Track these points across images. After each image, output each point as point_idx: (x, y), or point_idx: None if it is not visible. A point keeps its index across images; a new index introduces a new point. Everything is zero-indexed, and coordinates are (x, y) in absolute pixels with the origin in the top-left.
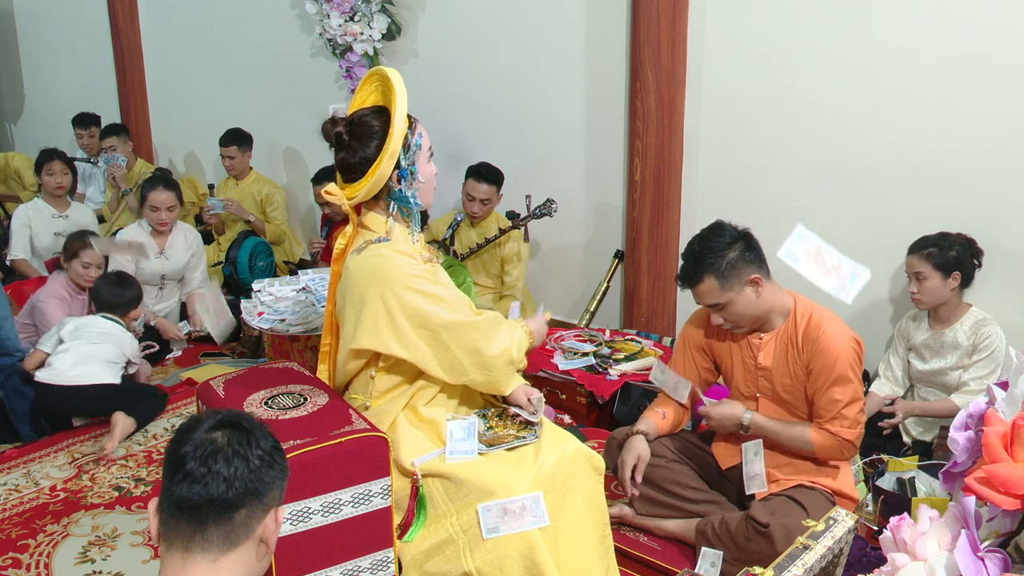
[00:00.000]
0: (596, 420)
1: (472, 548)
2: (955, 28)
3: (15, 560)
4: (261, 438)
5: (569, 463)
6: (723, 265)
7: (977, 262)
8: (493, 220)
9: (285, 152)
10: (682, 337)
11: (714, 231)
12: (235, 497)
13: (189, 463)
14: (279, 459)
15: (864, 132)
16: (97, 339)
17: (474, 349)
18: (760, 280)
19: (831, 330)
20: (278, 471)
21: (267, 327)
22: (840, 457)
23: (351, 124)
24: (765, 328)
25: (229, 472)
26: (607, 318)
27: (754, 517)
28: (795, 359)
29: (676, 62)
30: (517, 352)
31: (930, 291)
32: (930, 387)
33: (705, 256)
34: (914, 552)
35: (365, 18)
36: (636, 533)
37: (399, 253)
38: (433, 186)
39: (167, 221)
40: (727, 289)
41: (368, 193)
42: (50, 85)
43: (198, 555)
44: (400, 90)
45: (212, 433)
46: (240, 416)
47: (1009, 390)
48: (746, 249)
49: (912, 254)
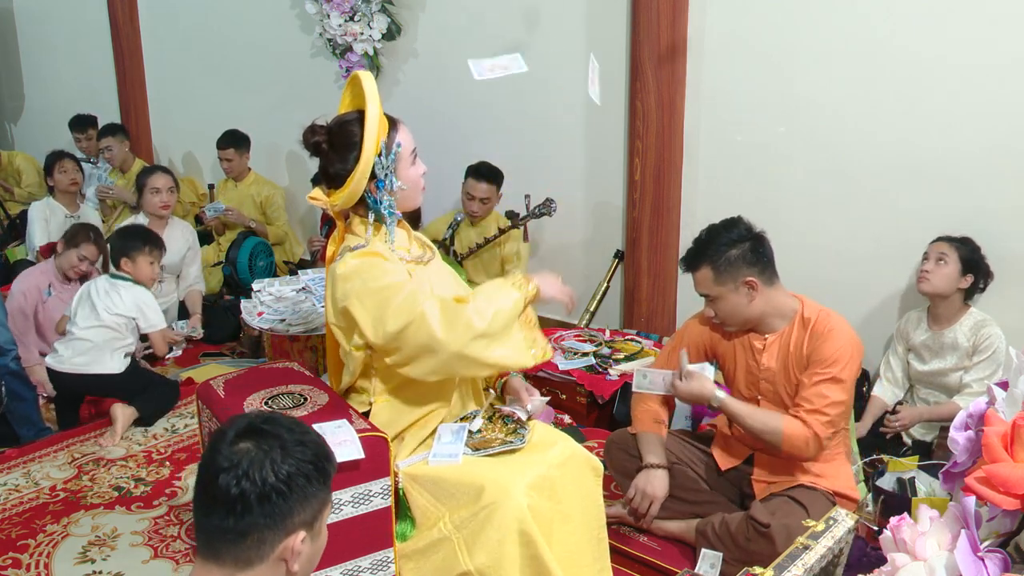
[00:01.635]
0: (596, 420)
1: (470, 547)
2: (955, 28)
3: (15, 560)
4: (280, 461)
5: (567, 465)
6: (722, 260)
7: (985, 285)
8: (493, 220)
9: (285, 152)
10: (681, 333)
11: (728, 225)
12: (244, 527)
13: (201, 485)
14: (299, 484)
15: (864, 132)
16: (93, 320)
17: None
18: (756, 284)
19: (839, 331)
20: (296, 499)
21: (267, 327)
22: (803, 454)
23: (329, 133)
24: (766, 330)
25: (236, 502)
26: (607, 318)
27: (755, 517)
28: (798, 359)
29: (676, 62)
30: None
31: (943, 276)
32: (930, 388)
33: (708, 246)
34: (914, 552)
35: (365, 18)
36: (636, 533)
37: (369, 255)
38: (421, 186)
39: (169, 203)
40: (720, 284)
41: (346, 203)
42: (50, 85)
43: (216, 571)
44: (372, 98)
45: (235, 446)
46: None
47: (1009, 390)
48: (751, 251)
49: (941, 240)
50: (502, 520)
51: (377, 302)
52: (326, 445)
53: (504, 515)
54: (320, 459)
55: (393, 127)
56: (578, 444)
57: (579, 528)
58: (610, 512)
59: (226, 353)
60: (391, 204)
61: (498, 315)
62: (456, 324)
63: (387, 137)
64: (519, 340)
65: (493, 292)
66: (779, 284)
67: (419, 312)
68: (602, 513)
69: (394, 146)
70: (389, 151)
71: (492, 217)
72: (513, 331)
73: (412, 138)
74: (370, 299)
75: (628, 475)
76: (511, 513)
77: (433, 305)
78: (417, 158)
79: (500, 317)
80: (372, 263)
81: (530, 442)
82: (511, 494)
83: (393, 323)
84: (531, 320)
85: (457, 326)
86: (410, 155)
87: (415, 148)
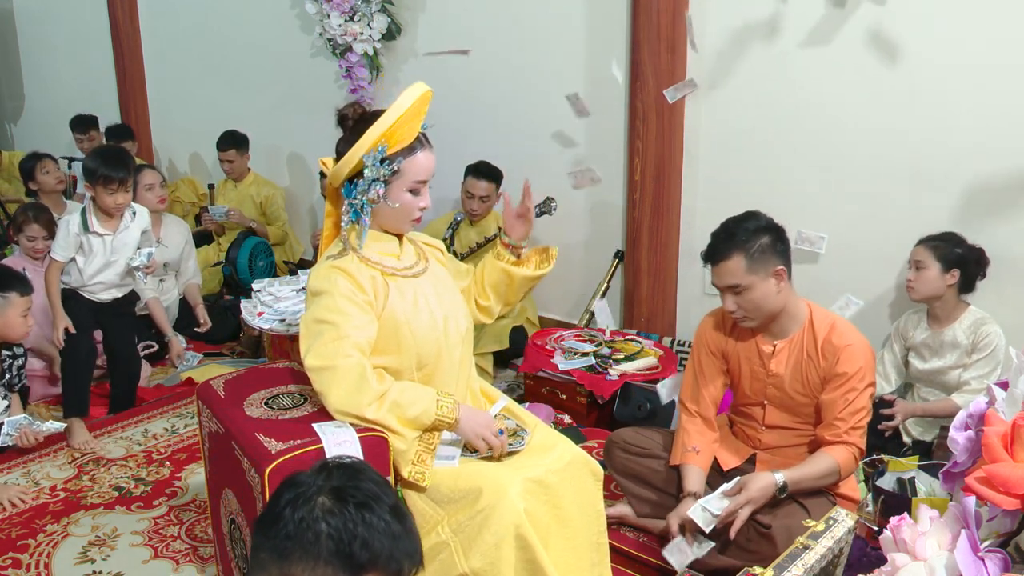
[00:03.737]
0: (596, 420)
1: (466, 551)
2: (956, 28)
3: (15, 560)
4: (327, 516)
5: (565, 470)
6: (755, 246)
7: (982, 271)
8: (492, 219)
9: (285, 152)
10: (697, 342)
11: (750, 215)
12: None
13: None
14: (313, 544)
15: (864, 131)
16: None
17: (321, 392)
18: (784, 274)
19: (856, 341)
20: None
21: (267, 327)
22: (854, 469)
23: (359, 116)
24: (778, 334)
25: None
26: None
27: (756, 519)
28: (811, 368)
29: (676, 62)
30: (382, 417)
31: (925, 281)
32: (930, 387)
33: (738, 233)
34: (914, 552)
35: (365, 18)
36: (636, 533)
37: (335, 270)
38: (414, 216)
39: (164, 197)
40: (752, 272)
41: (333, 178)
42: (50, 85)
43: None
44: (396, 108)
45: (318, 498)
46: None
47: (1009, 390)
48: (777, 240)
49: (919, 245)
50: (499, 523)
51: (311, 332)
52: (386, 537)
53: (501, 518)
54: (352, 542)
55: (413, 150)
56: (578, 448)
57: (577, 533)
58: (611, 512)
59: (226, 353)
60: (364, 206)
61: (394, 411)
62: (354, 395)
63: (398, 150)
64: (401, 447)
65: (416, 393)
66: (791, 282)
67: (335, 364)
68: (602, 518)
69: (397, 161)
70: (389, 161)
71: (492, 216)
72: (398, 433)
73: (431, 171)
74: (307, 327)
75: (628, 475)
76: (508, 517)
77: (351, 365)
78: (424, 193)
79: (393, 414)
80: (330, 287)
81: (529, 445)
82: (508, 497)
83: (311, 359)
84: (432, 444)
85: (354, 396)
86: (414, 182)
87: (425, 181)
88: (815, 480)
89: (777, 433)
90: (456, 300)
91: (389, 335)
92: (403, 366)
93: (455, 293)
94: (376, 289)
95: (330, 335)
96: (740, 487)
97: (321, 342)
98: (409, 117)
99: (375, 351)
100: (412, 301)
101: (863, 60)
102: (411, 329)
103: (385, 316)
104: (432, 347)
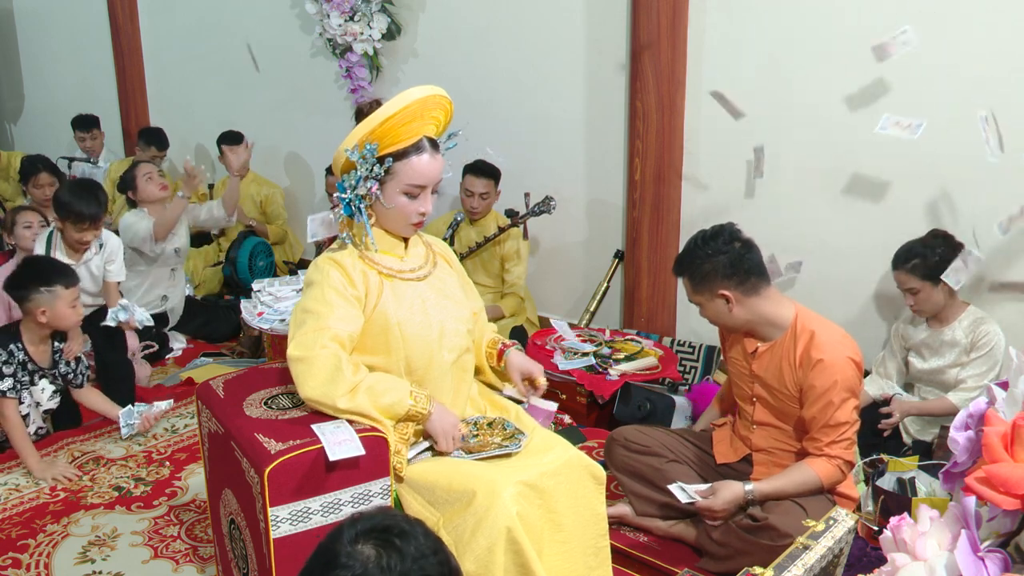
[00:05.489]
0: (596, 420)
1: (459, 552)
2: (955, 28)
3: (15, 560)
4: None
5: (561, 473)
6: (698, 273)
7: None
8: (492, 218)
9: (285, 152)
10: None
11: (712, 236)
12: None
13: (310, 569)
14: None
15: (863, 131)
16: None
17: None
18: (731, 298)
19: (829, 356)
20: None
21: (267, 327)
22: (842, 480)
23: (369, 112)
24: (762, 337)
25: None
26: (607, 318)
27: (752, 514)
28: (790, 375)
29: (676, 62)
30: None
31: (926, 301)
32: (930, 386)
33: (686, 257)
34: (914, 552)
35: (365, 18)
36: (636, 533)
37: (329, 263)
38: (409, 221)
39: (166, 184)
40: (698, 293)
41: (334, 168)
42: (50, 85)
43: None
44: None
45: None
46: (390, 543)
47: (1009, 390)
48: (729, 264)
49: (898, 269)
50: (492, 527)
51: (296, 321)
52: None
53: (494, 522)
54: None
55: (406, 153)
56: (578, 450)
57: (572, 537)
58: (610, 511)
59: (226, 353)
60: (356, 201)
61: (369, 395)
62: (327, 385)
63: (392, 151)
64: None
65: (391, 383)
66: (768, 292)
67: (311, 354)
68: (602, 521)
69: (387, 162)
70: (380, 161)
71: (491, 216)
72: (376, 420)
73: (429, 178)
74: (295, 315)
75: (629, 473)
76: (501, 520)
77: (327, 356)
78: (422, 198)
79: (368, 397)
80: (322, 278)
81: (526, 447)
82: (501, 501)
83: (291, 348)
84: (406, 435)
85: (327, 387)
86: (408, 186)
87: (423, 186)
88: (794, 491)
89: (767, 432)
90: (459, 308)
91: (379, 335)
92: (392, 368)
93: (459, 302)
94: (368, 286)
95: (311, 325)
96: (712, 491)
97: (302, 331)
98: (406, 118)
99: (365, 350)
100: (408, 303)
101: (863, 60)
102: (402, 331)
103: (375, 315)
104: (423, 351)
